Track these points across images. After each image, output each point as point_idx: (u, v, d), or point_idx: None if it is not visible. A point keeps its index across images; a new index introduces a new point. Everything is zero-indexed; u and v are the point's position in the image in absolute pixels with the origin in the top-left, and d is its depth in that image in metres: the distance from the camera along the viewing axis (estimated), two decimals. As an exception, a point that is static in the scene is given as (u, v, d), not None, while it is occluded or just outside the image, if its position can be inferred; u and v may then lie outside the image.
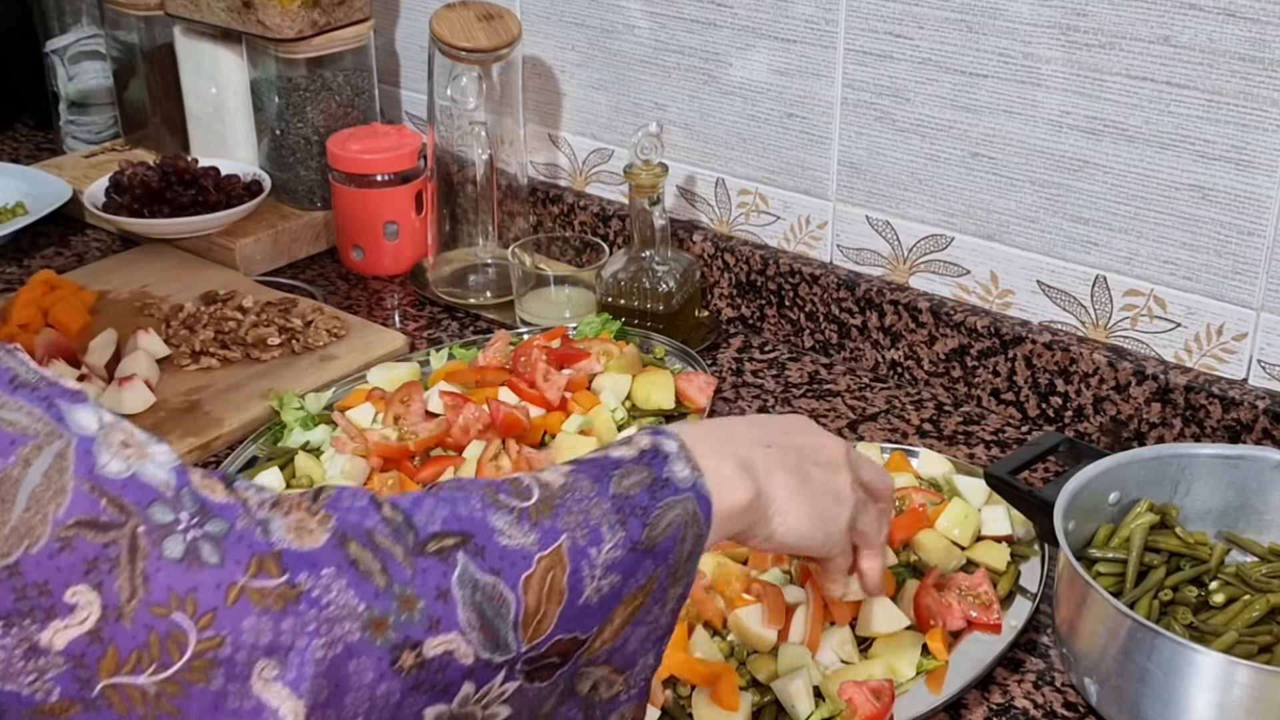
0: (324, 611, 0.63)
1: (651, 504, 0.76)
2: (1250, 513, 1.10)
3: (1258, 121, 1.18)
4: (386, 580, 0.65)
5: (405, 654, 0.65)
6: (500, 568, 0.69)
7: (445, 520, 0.69)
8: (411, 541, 0.68)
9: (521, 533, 0.71)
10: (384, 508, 0.68)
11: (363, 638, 0.64)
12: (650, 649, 0.78)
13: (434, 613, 0.66)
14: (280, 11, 1.63)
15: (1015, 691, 1.05)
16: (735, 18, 1.47)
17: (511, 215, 1.66)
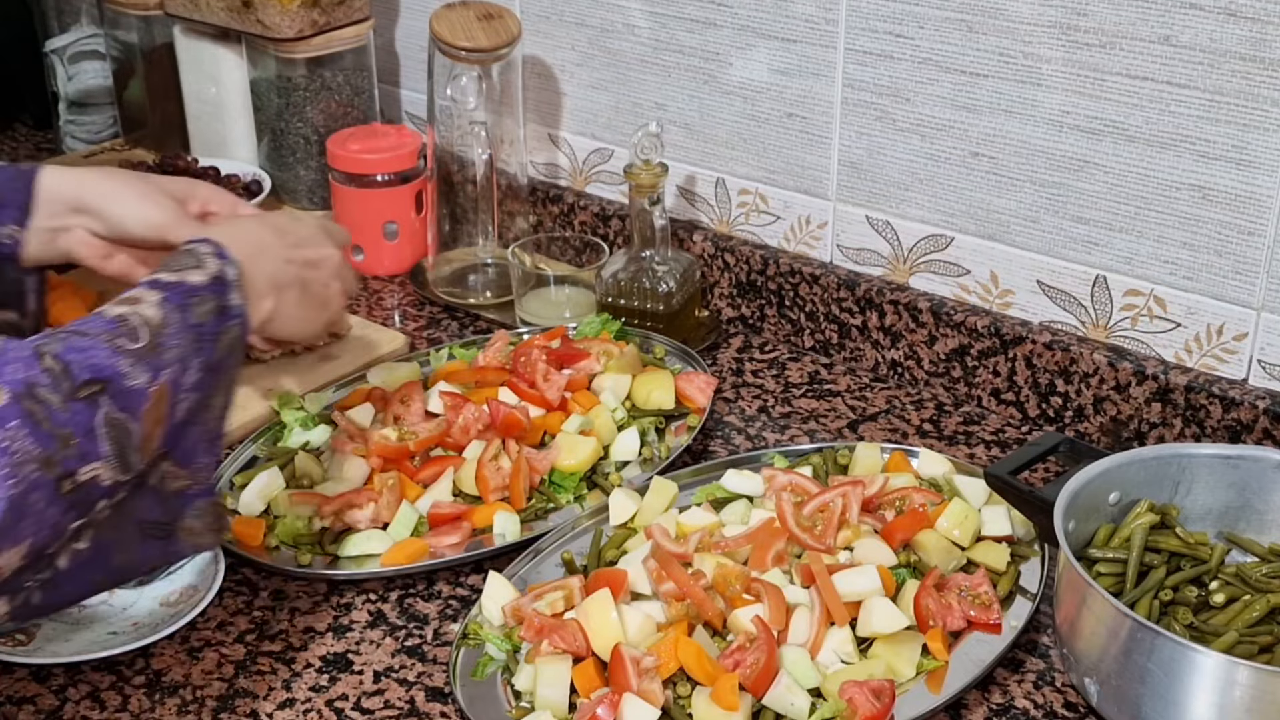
0: (14, 459, 0.80)
1: (218, 329, 0.96)
2: (1250, 513, 1.10)
3: (1258, 121, 1.18)
4: (51, 425, 0.82)
5: (65, 482, 0.83)
6: (128, 405, 0.87)
7: (91, 369, 0.86)
8: (67, 389, 0.84)
9: (139, 373, 0.88)
10: (45, 359, 0.84)
11: (40, 475, 0.81)
12: (205, 448, 0.97)
13: (84, 448, 0.84)
14: (280, 11, 1.63)
15: (1015, 691, 1.05)
16: (735, 17, 1.47)
17: (511, 215, 1.66)
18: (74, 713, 1.05)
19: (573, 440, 1.27)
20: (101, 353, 0.87)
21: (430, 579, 1.18)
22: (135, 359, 0.89)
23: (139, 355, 0.89)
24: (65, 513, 0.84)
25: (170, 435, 0.92)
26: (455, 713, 1.04)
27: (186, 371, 0.92)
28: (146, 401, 0.88)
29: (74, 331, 0.88)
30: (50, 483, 0.82)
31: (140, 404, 0.88)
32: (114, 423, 0.86)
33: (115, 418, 0.86)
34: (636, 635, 1.04)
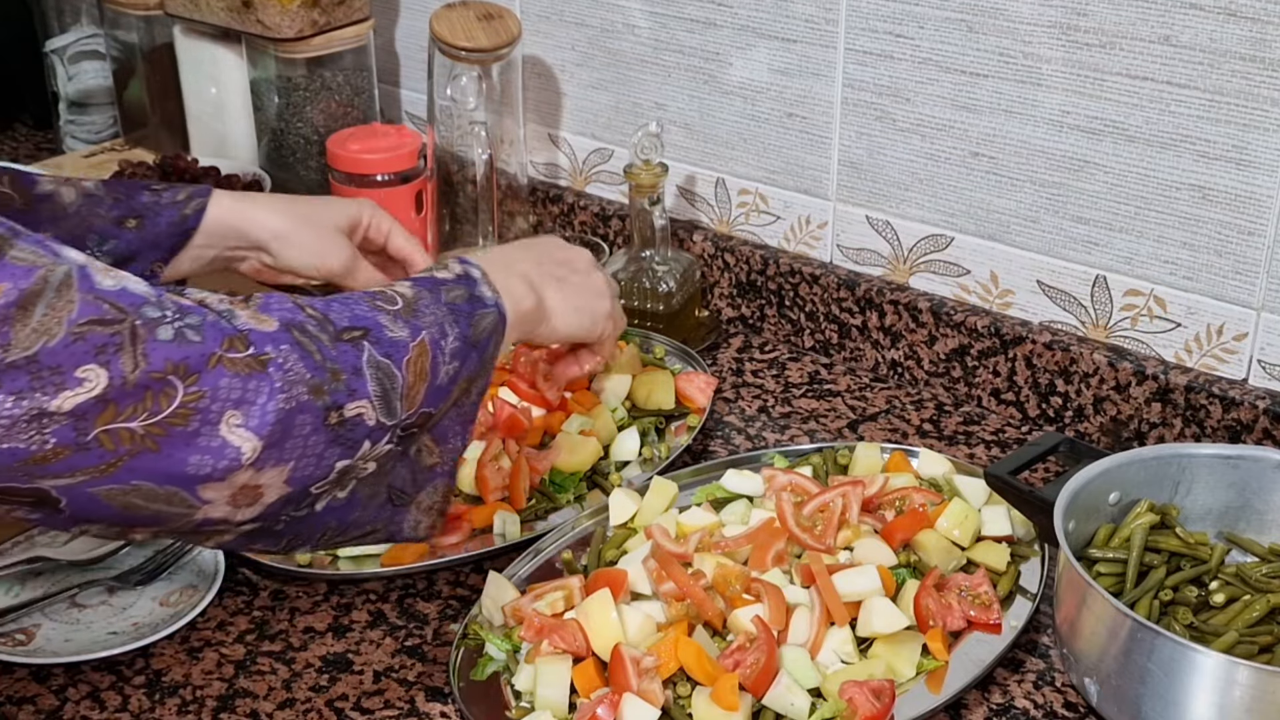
0: (286, 375, 0.83)
1: (472, 310, 0.99)
2: (1250, 513, 1.10)
3: (1258, 121, 1.18)
4: (321, 358, 0.85)
5: (332, 414, 0.85)
6: (391, 353, 0.90)
7: (350, 319, 0.90)
8: (331, 331, 0.88)
9: (398, 327, 0.92)
10: (306, 309, 0.88)
11: (309, 399, 0.84)
12: (459, 431, 1.00)
13: (352, 384, 0.87)
14: (280, 11, 1.63)
15: (1015, 691, 1.05)
16: (735, 17, 1.47)
17: (511, 215, 1.66)
18: (74, 713, 1.05)
19: (573, 440, 1.27)
20: (361, 306, 0.91)
21: (430, 579, 1.18)
22: (393, 316, 0.92)
23: (397, 313, 0.93)
24: (329, 446, 0.86)
25: (431, 395, 0.93)
26: (455, 713, 1.04)
27: (446, 337, 0.95)
28: (408, 353, 0.91)
29: (334, 298, 0.92)
30: (318, 410, 0.84)
31: (402, 354, 0.91)
32: (378, 365, 0.89)
33: (380, 361, 0.89)
34: (636, 635, 1.04)
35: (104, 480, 0.78)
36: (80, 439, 0.76)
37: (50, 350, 0.74)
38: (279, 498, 0.85)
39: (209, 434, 0.80)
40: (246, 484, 0.83)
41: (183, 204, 1.21)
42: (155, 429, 0.78)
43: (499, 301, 1.01)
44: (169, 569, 1.18)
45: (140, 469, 0.79)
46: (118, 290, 0.79)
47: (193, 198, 1.21)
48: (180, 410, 0.78)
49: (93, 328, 0.76)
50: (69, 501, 0.79)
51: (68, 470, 0.77)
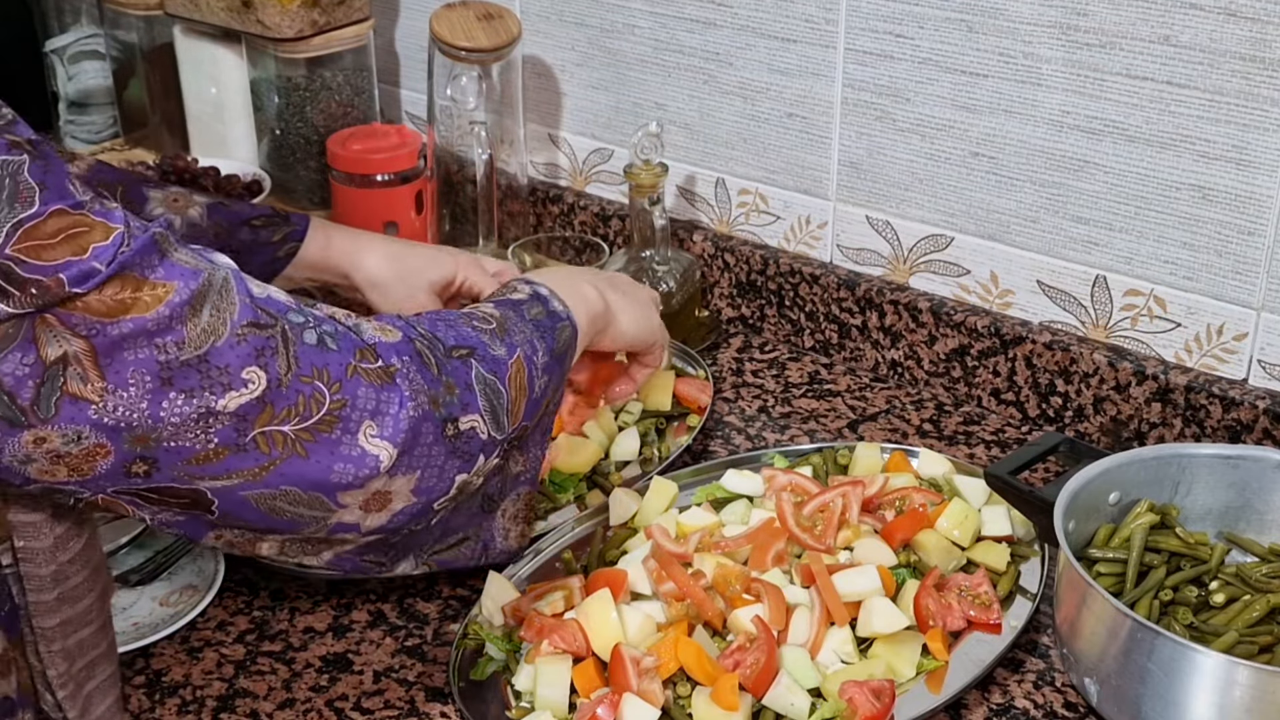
0: (412, 385, 0.86)
1: (553, 325, 1.03)
2: (1250, 513, 1.10)
3: (1258, 121, 1.18)
4: (438, 371, 0.89)
5: (449, 425, 0.89)
6: (495, 370, 0.95)
7: (456, 338, 0.94)
8: (441, 350, 0.92)
9: (498, 345, 0.96)
10: (417, 326, 0.92)
11: (430, 409, 0.87)
12: (540, 440, 1.05)
13: (465, 399, 0.91)
14: (280, 11, 1.63)
15: (1015, 691, 1.05)
16: (735, 17, 1.47)
17: (511, 215, 1.66)
18: (74, 713, 1.05)
19: (573, 441, 1.27)
20: (462, 327, 0.96)
21: (430, 579, 1.18)
22: (491, 335, 0.97)
23: (493, 332, 0.97)
24: (449, 457, 0.89)
25: (530, 407, 0.98)
26: (455, 713, 1.04)
27: (537, 353, 0.99)
28: (509, 369, 0.96)
29: (435, 317, 0.96)
30: (437, 420, 0.88)
31: (504, 370, 0.95)
32: (486, 381, 0.93)
33: (487, 378, 0.93)
34: (636, 635, 1.04)
35: (256, 484, 0.81)
36: (240, 439, 0.79)
37: (218, 350, 0.77)
38: (404, 507, 0.89)
39: (350, 442, 0.83)
40: (379, 490, 0.86)
41: (277, 246, 1.26)
42: (305, 434, 0.81)
43: (571, 315, 1.06)
44: (169, 569, 1.18)
45: (290, 474, 0.82)
46: (265, 297, 0.82)
47: (287, 240, 1.26)
48: (326, 417, 0.82)
49: (252, 330, 0.79)
50: (221, 503, 0.82)
51: (225, 472, 0.80)
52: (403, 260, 1.30)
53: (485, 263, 1.35)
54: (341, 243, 1.29)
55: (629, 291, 1.18)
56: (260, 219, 1.26)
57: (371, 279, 1.29)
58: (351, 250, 1.29)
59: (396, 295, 1.29)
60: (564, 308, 1.06)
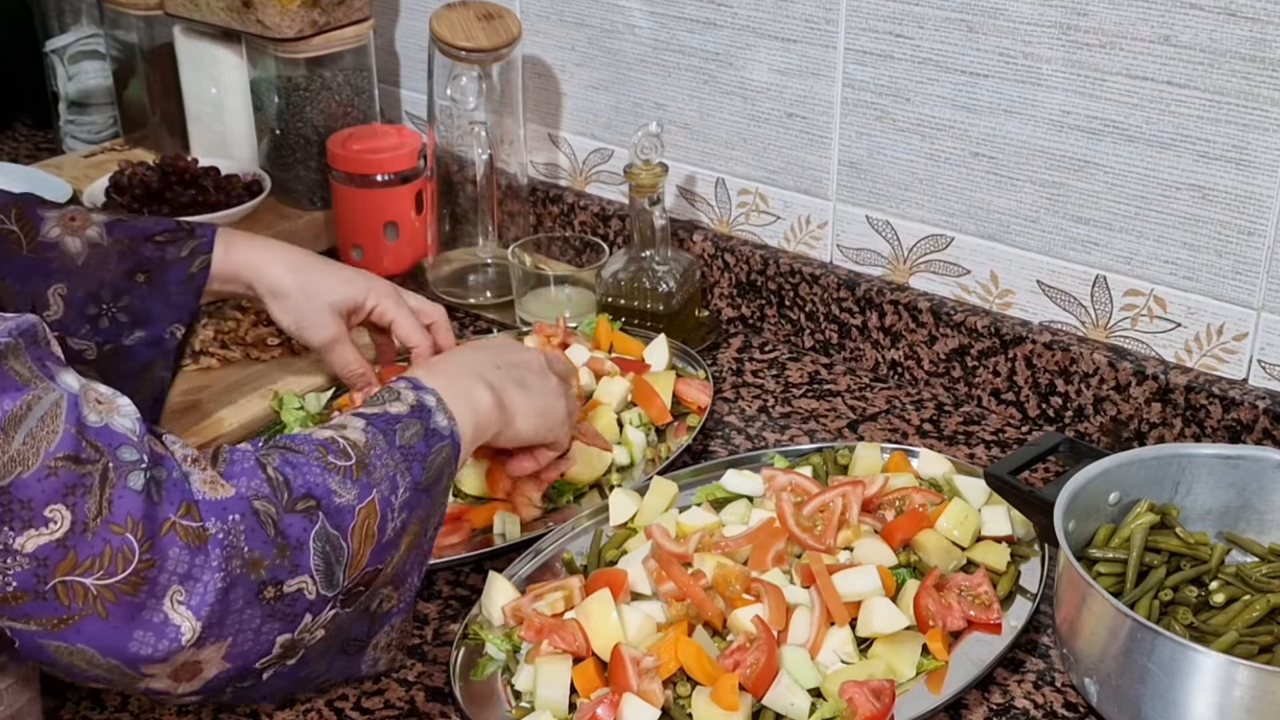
0: (225, 551, 0.81)
1: (427, 451, 0.96)
2: (1250, 513, 1.10)
3: (1258, 121, 1.18)
4: (273, 531, 0.84)
5: (269, 589, 0.83)
6: (340, 523, 0.88)
7: (304, 485, 0.87)
8: (285, 499, 0.86)
9: (347, 490, 0.89)
10: (268, 469, 0.87)
11: (243, 573, 0.82)
12: (416, 569, 0.98)
13: (296, 559, 0.85)
14: (280, 11, 1.63)
15: (1015, 691, 1.05)
16: (735, 17, 1.47)
17: (511, 215, 1.66)
18: (74, 713, 1.05)
19: (587, 453, 1.26)
20: (314, 470, 0.89)
21: (430, 579, 1.18)
22: (344, 476, 0.90)
23: (347, 472, 0.90)
24: (266, 620, 0.84)
25: (378, 553, 0.91)
26: (455, 713, 1.04)
27: (397, 490, 0.93)
28: (354, 518, 0.89)
29: (286, 447, 0.90)
30: (252, 584, 0.82)
31: (349, 521, 0.89)
32: (327, 538, 0.87)
33: (329, 533, 0.87)
34: (636, 635, 1.04)
35: (54, 636, 0.77)
36: (40, 586, 0.75)
37: (23, 482, 0.73)
38: (218, 674, 0.84)
39: (154, 608, 0.78)
40: (187, 661, 0.81)
41: (188, 261, 1.21)
42: (107, 592, 0.77)
43: (454, 430, 0.99)
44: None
45: (87, 633, 0.77)
46: (101, 427, 0.78)
47: (196, 253, 1.21)
48: (133, 576, 0.77)
49: (68, 464, 0.75)
50: (22, 644, 0.78)
51: (23, 616, 0.76)
52: (307, 273, 1.25)
53: (408, 297, 1.31)
54: (242, 252, 1.24)
55: (534, 384, 1.12)
56: (163, 234, 1.21)
57: (273, 288, 1.24)
58: (254, 259, 1.24)
59: (298, 308, 1.25)
60: (447, 423, 0.99)
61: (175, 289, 1.21)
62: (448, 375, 1.04)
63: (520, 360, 1.13)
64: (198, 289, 1.22)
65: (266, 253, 1.25)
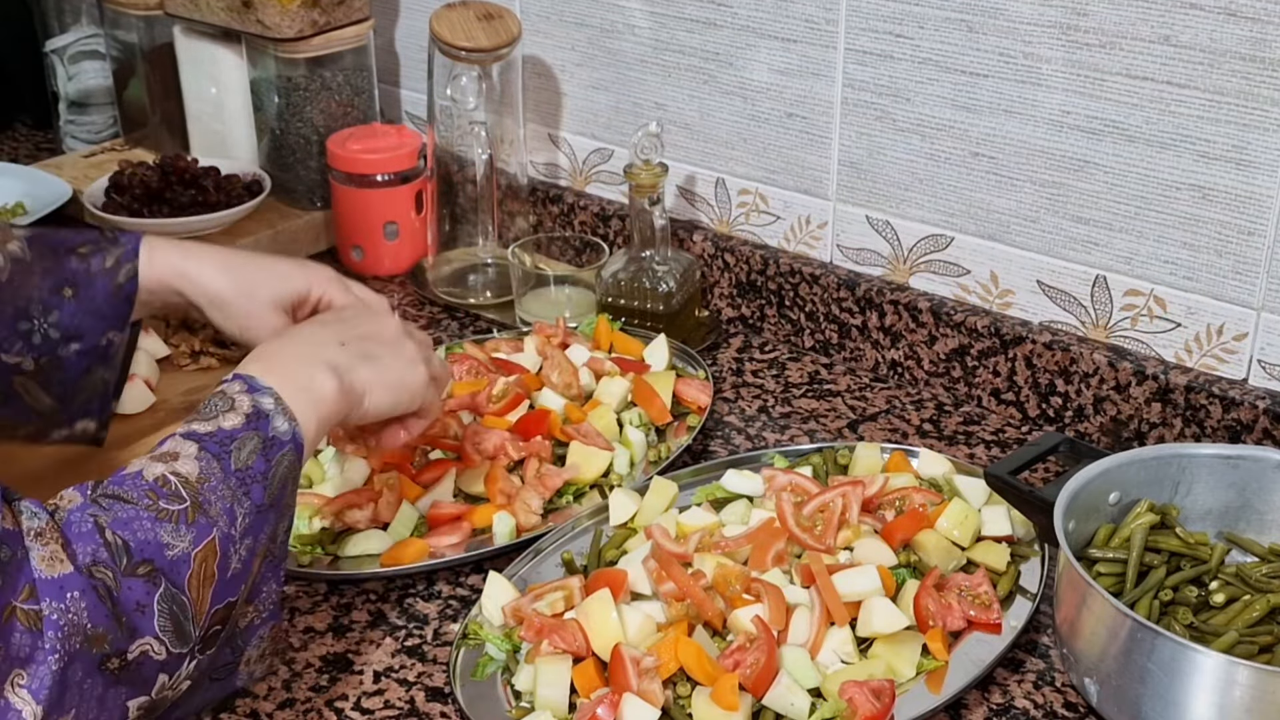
0: (60, 632, 0.79)
1: (267, 467, 0.94)
2: (1250, 513, 1.10)
3: (1258, 121, 1.18)
4: (111, 604, 0.82)
5: (112, 660, 0.82)
6: (176, 578, 0.87)
7: (139, 548, 0.85)
8: (124, 564, 0.84)
9: (180, 537, 0.87)
10: (106, 532, 0.85)
11: (83, 648, 0.80)
12: (271, 578, 0.96)
13: (134, 624, 0.83)
14: (280, 11, 1.63)
15: (1015, 691, 1.05)
16: (735, 18, 1.47)
17: (511, 215, 1.66)
18: None
19: (586, 453, 1.26)
20: (146, 524, 0.87)
21: (430, 579, 1.18)
22: (178, 523, 0.88)
23: (181, 517, 0.88)
24: (110, 688, 0.83)
25: (224, 589, 0.90)
26: (455, 713, 1.04)
27: (236, 520, 0.91)
28: (189, 567, 0.87)
29: (117, 496, 0.87)
30: (92, 658, 0.81)
31: (184, 571, 0.87)
32: (172, 599, 0.86)
33: (174, 595, 0.86)
34: (636, 635, 1.04)
35: None
36: None
37: None
38: None
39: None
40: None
41: (113, 271, 1.15)
42: None
43: (296, 431, 0.96)
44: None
45: None
46: None
47: (121, 263, 1.15)
48: None
49: None
50: None
51: None
52: (242, 272, 1.18)
53: (352, 285, 1.23)
54: (170, 259, 1.16)
55: (384, 356, 1.07)
56: (86, 245, 1.15)
57: (210, 296, 1.17)
58: (179, 266, 1.16)
59: (239, 312, 1.17)
60: (288, 425, 0.96)
61: (104, 301, 1.15)
62: (286, 366, 1.00)
63: (369, 332, 1.08)
64: (128, 298, 1.16)
65: (195, 257, 1.18)
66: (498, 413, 1.30)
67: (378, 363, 1.06)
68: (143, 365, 1.41)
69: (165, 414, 1.38)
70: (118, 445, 1.32)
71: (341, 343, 1.05)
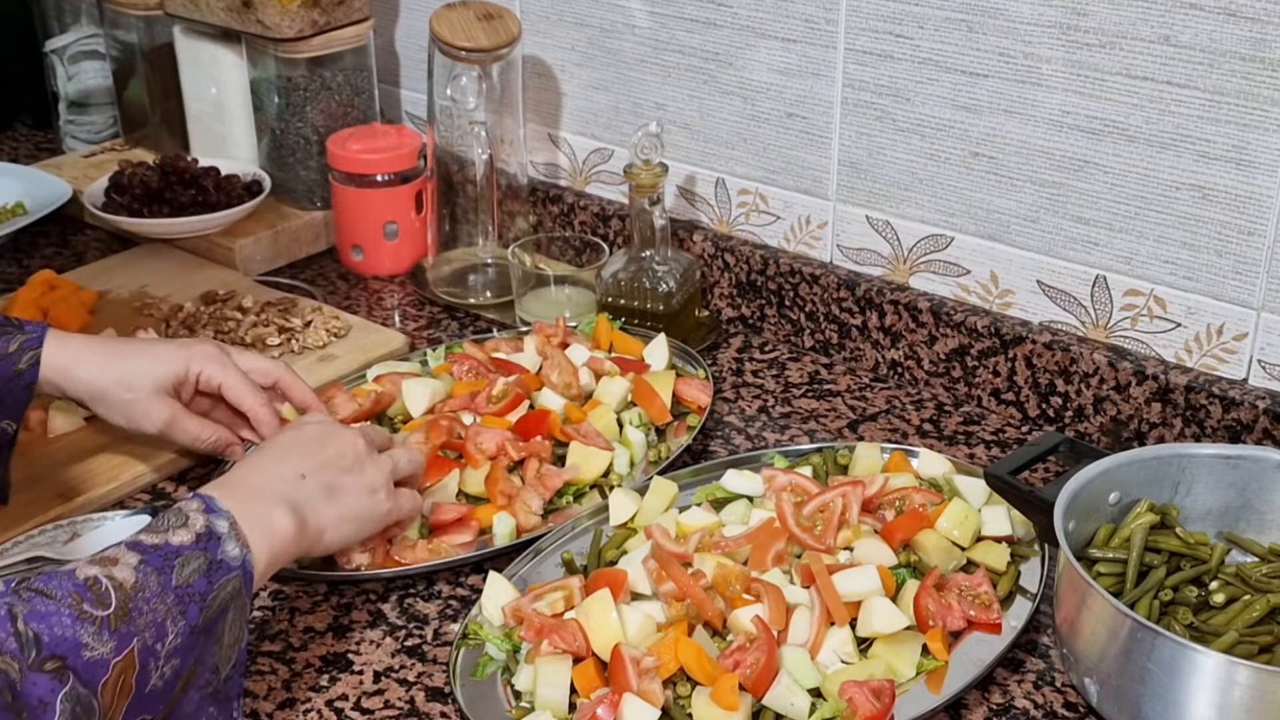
0: None
1: (209, 589, 0.91)
2: (1250, 513, 1.10)
3: (1258, 121, 1.18)
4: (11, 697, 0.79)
5: None
6: (90, 679, 0.83)
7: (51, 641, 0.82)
8: (32, 657, 0.81)
9: (101, 643, 0.84)
10: (18, 622, 0.82)
11: None
12: (210, 703, 0.93)
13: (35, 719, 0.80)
14: (280, 11, 1.63)
15: (1015, 691, 1.05)
16: (735, 17, 1.47)
17: (511, 215, 1.66)
18: (74, 713, 1.05)
19: (586, 453, 1.26)
20: (65, 620, 0.84)
21: (430, 579, 1.18)
22: (100, 627, 0.85)
23: (104, 623, 0.85)
24: None
25: (139, 705, 0.87)
26: (455, 713, 1.04)
27: (164, 638, 0.88)
28: (106, 673, 0.84)
29: (42, 592, 0.85)
30: None
31: (100, 676, 0.84)
32: (76, 698, 0.82)
33: (80, 694, 0.83)
34: (636, 635, 1.04)
35: None
36: None
37: None
38: None
39: None
40: None
41: (15, 357, 1.15)
42: None
43: (246, 558, 0.95)
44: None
45: None
46: None
47: (25, 349, 1.15)
48: None
49: None
50: None
51: None
52: (119, 362, 1.18)
53: (240, 358, 1.23)
54: (52, 355, 1.16)
55: (346, 487, 1.07)
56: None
57: (90, 392, 1.17)
58: (61, 363, 1.17)
59: (120, 402, 1.18)
60: (239, 551, 0.94)
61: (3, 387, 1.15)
62: (244, 496, 0.99)
63: (331, 458, 1.07)
64: (28, 386, 1.16)
65: (75, 354, 1.17)
66: (498, 413, 1.30)
67: (339, 498, 1.06)
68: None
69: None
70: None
71: (302, 475, 1.05)
